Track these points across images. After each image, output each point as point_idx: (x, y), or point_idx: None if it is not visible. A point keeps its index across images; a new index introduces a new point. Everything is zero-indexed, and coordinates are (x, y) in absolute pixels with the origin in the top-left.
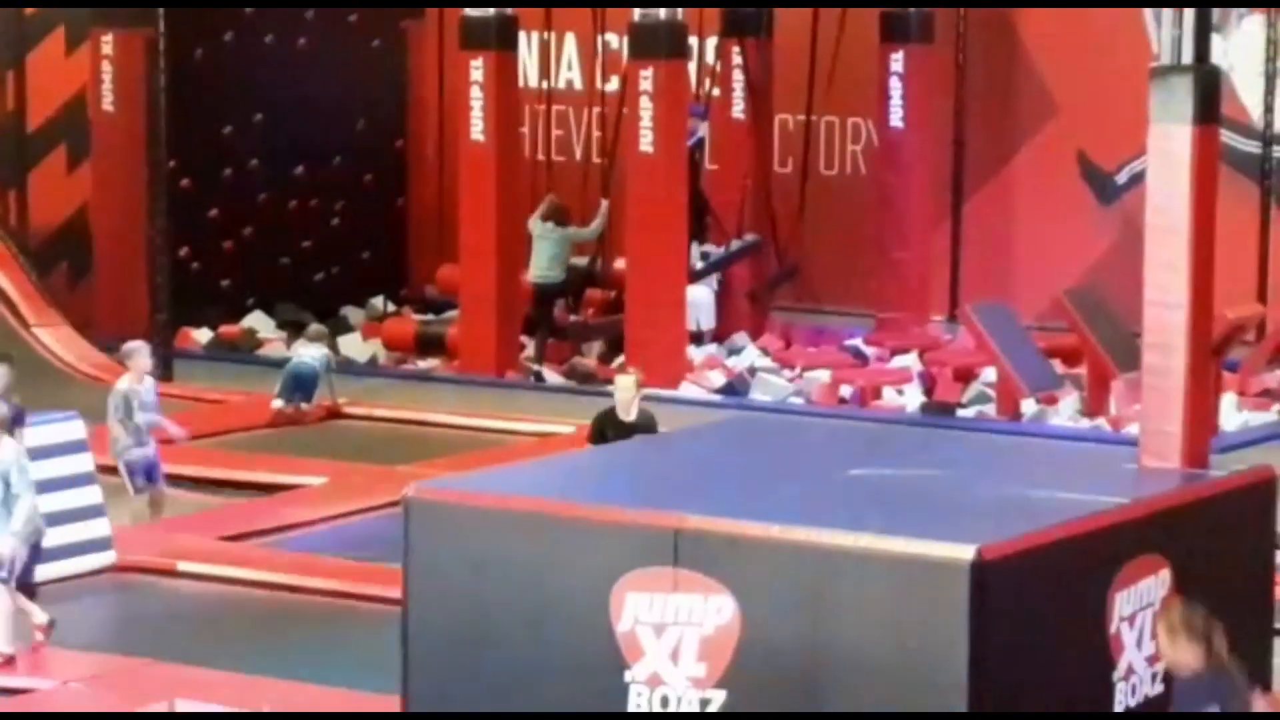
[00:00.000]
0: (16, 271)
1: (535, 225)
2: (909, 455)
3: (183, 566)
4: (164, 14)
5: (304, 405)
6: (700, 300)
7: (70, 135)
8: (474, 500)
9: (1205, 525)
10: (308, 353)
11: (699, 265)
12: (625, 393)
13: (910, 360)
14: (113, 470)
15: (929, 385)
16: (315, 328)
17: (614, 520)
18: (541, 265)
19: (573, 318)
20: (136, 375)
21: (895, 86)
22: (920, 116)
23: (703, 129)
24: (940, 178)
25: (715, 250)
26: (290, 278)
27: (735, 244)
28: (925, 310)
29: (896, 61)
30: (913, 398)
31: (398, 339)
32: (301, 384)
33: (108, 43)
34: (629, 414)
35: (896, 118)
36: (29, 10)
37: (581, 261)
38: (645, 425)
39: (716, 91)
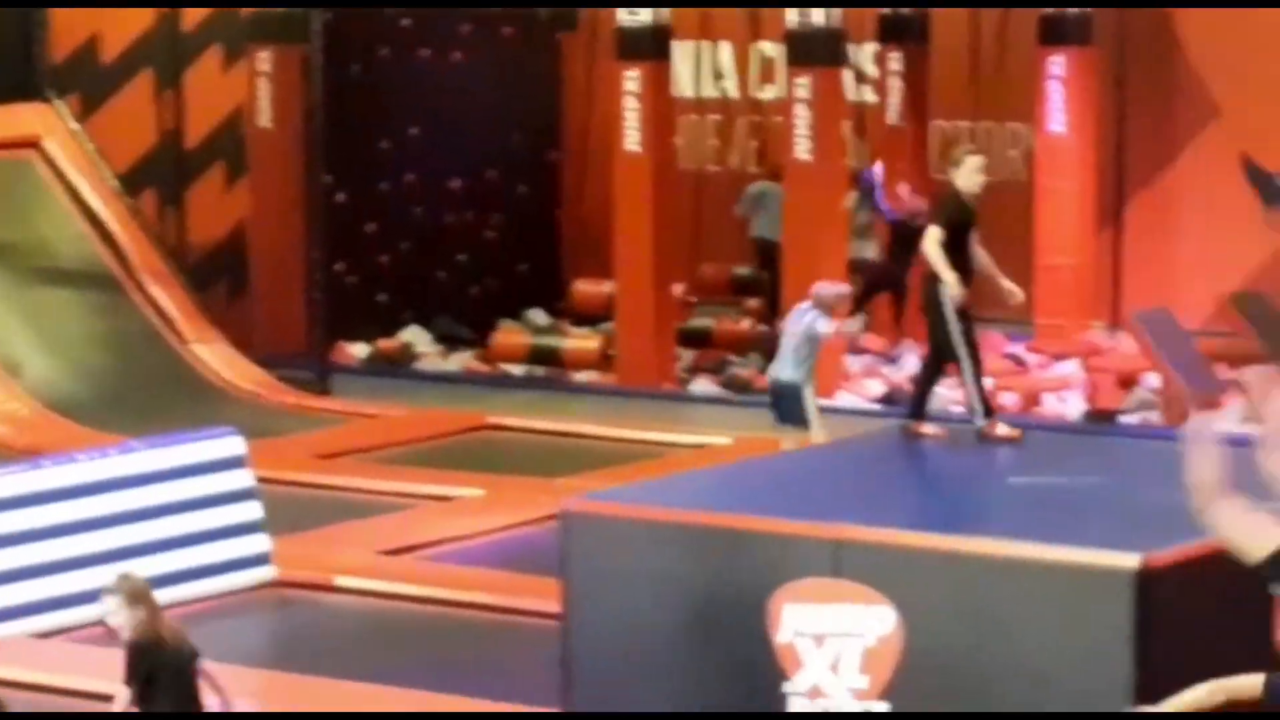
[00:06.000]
0: (175, 288)
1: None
2: (1070, 463)
3: (341, 581)
4: (320, 29)
5: None
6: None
7: (228, 152)
8: (632, 512)
9: None
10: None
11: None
12: (979, 176)
13: (1072, 367)
14: None
15: (1091, 392)
16: None
17: (773, 531)
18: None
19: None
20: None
21: (1054, 90)
22: (1080, 120)
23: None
24: (1101, 182)
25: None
26: (446, 291)
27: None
28: (1087, 316)
29: (1055, 65)
30: (1074, 405)
31: (506, 351)
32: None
33: (264, 59)
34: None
35: (1056, 122)
36: (186, 27)
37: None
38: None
39: (873, 97)
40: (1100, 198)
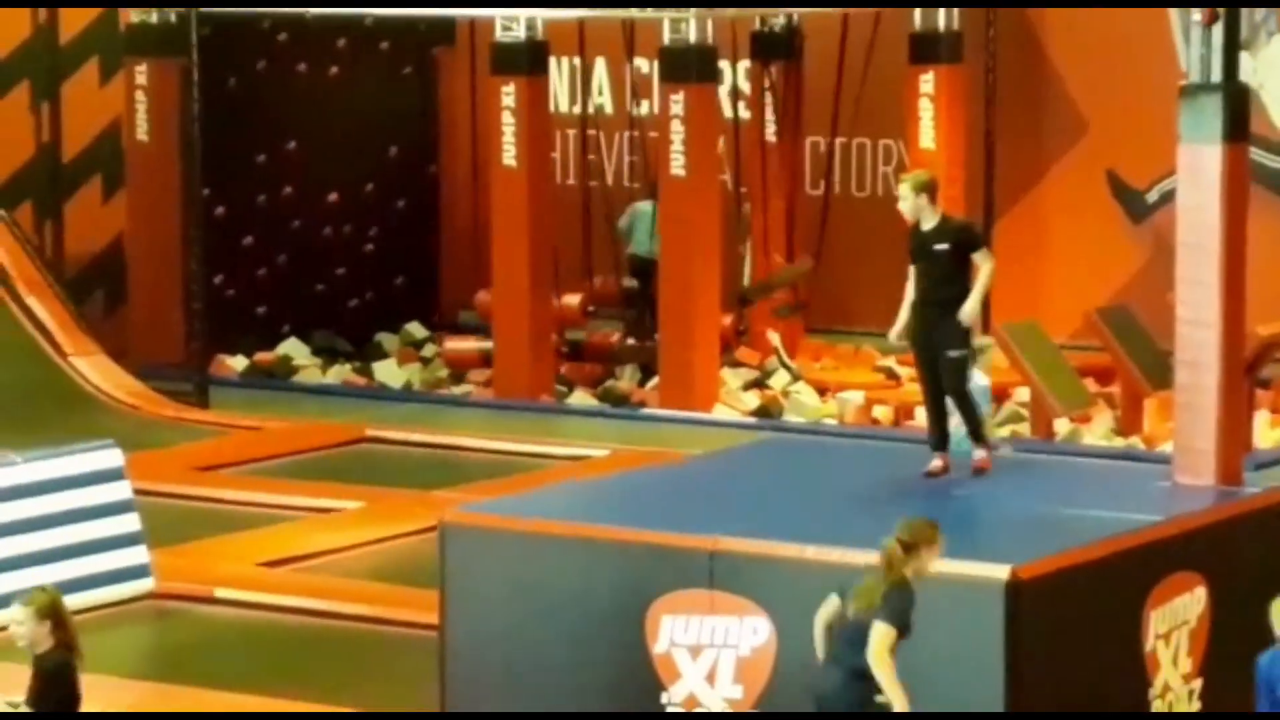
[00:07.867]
0: (53, 301)
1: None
2: (945, 475)
3: (220, 593)
4: (197, 43)
5: None
6: None
7: (105, 165)
8: (510, 524)
9: (1239, 542)
10: None
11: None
12: (904, 201)
13: None
14: None
15: None
16: None
17: (649, 542)
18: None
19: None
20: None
21: (925, 107)
22: (950, 137)
23: None
24: (971, 198)
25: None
26: (324, 304)
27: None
28: None
29: (926, 82)
30: None
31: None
32: None
33: (141, 72)
34: (928, 222)
35: (927, 139)
36: (63, 39)
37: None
38: (958, 235)
39: (747, 114)
40: (970, 213)
